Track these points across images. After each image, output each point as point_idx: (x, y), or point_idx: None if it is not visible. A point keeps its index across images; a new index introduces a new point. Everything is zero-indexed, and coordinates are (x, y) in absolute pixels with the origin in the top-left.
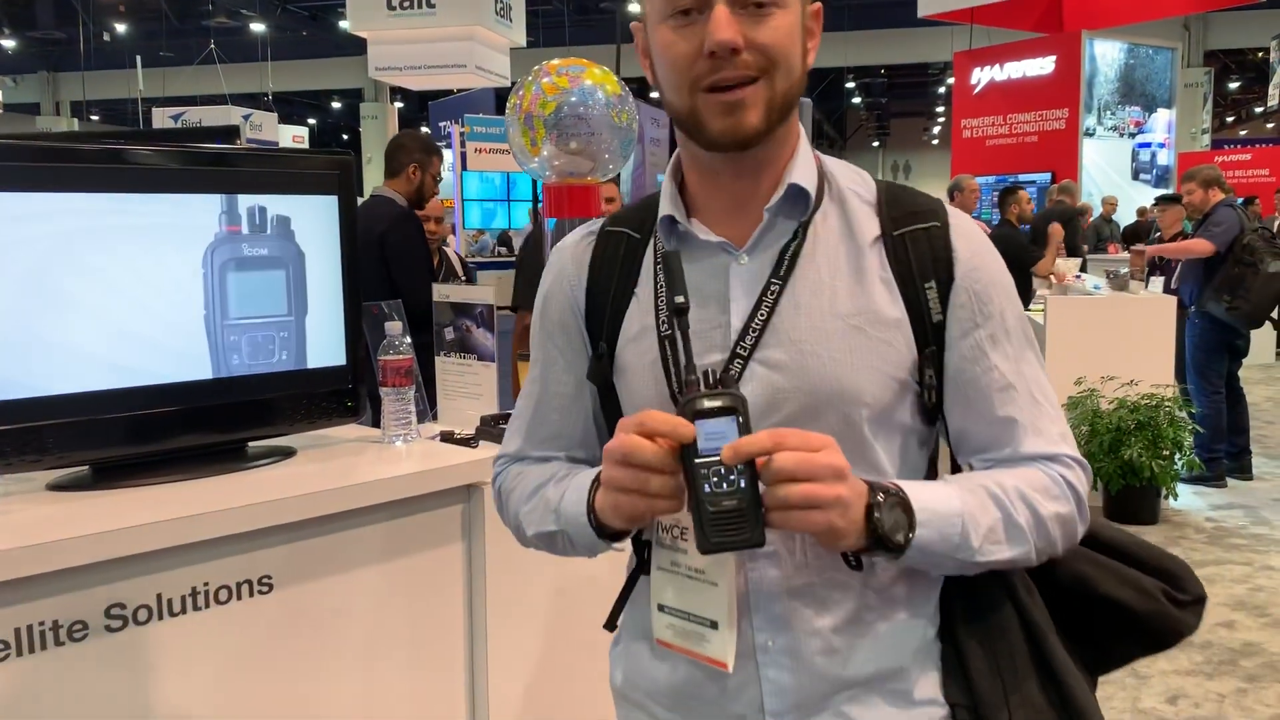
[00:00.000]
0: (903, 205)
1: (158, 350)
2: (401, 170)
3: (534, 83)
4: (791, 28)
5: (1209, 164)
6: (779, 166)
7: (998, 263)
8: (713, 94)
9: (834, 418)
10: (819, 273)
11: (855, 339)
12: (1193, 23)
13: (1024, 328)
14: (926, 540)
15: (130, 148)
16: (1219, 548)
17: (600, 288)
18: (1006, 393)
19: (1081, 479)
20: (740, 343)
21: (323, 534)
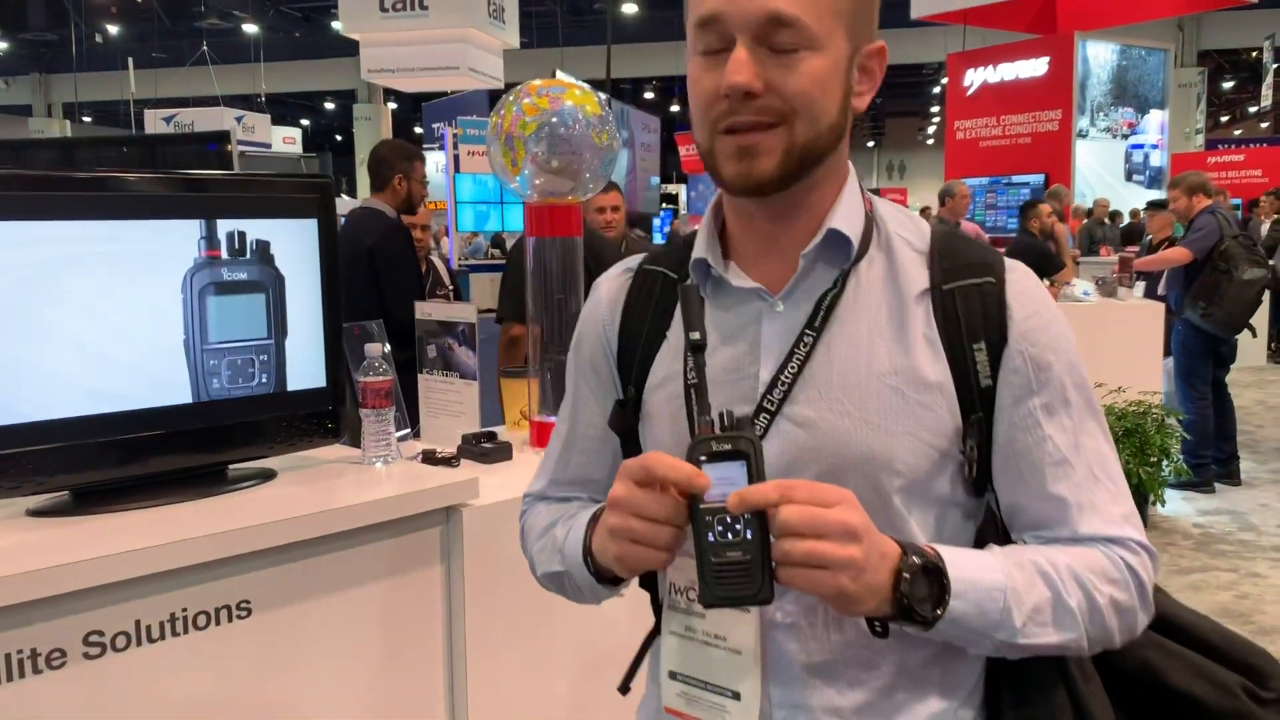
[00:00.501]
0: (956, 257)
1: (137, 375)
2: (387, 183)
3: (515, 103)
4: (823, 72)
5: (1194, 170)
6: (819, 210)
7: (1059, 325)
8: (728, 136)
9: (862, 484)
10: (857, 326)
11: (891, 400)
12: (1186, 23)
13: (1086, 396)
14: (961, 613)
15: (110, 175)
16: (1206, 554)
17: (632, 329)
18: (1062, 467)
19: (1147, 566)
20: (768, 395)
21: (301, 558)
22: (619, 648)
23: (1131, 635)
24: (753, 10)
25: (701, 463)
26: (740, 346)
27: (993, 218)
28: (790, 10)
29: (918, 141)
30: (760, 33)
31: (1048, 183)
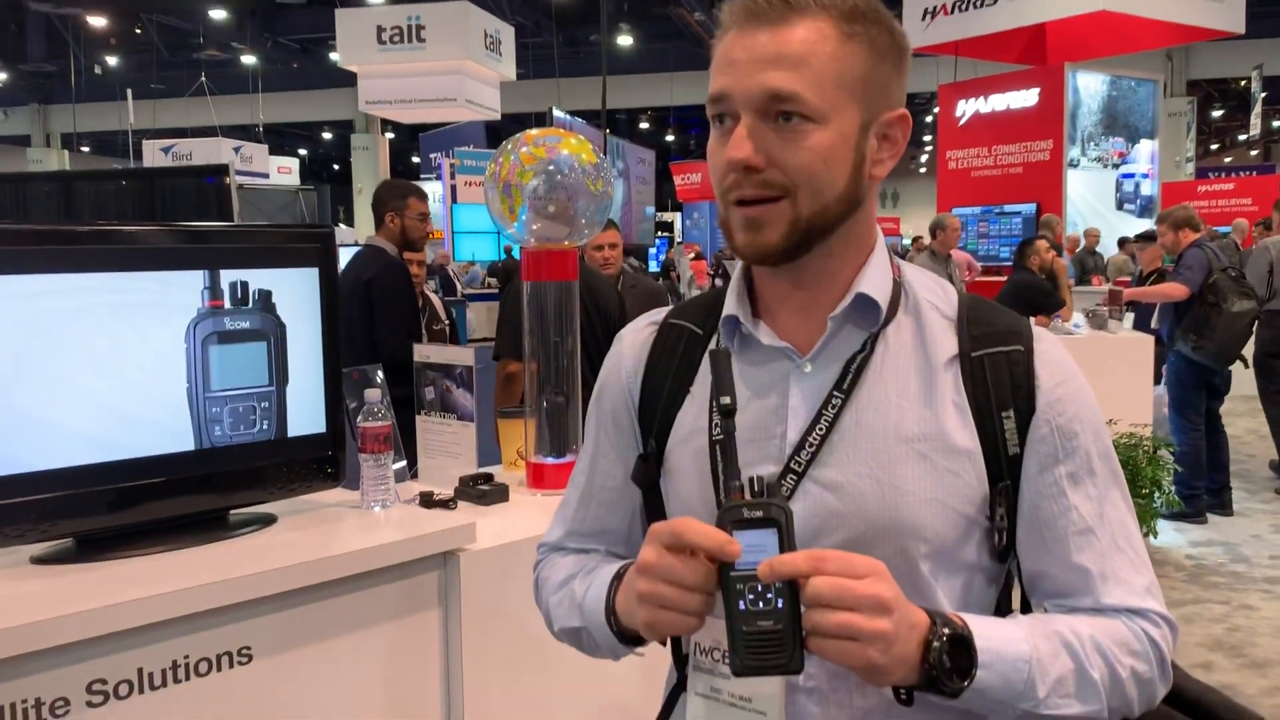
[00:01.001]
0: (984, 324)
1: (141, 424)
2: (382, 222)
3: (512, 152)
4: (827, 145)
5: (1181, 205)
6: (842, 276)
7: (1085, 394)
8: (738, 207)
9: (889, 550)
10: (886, 390)
11: (920, 466)
12: (1175, 54)
13: (1111, 466)
14: (987, 684)
15: (114, 228)
16: (1198, 586)
17: (656, 382)
18: (1086, 536)
19: (1167, 638)
20: (795, 457)
21: (301, 604)
22: (617, 695)
23: (1150, 706)
24: (754, 87)
25: (732, 529)
26: (768, 405)
27: (985, 246)
28: (789, 87)
29: (910, 170)
30: (762, 108)
31: (1039, 212)
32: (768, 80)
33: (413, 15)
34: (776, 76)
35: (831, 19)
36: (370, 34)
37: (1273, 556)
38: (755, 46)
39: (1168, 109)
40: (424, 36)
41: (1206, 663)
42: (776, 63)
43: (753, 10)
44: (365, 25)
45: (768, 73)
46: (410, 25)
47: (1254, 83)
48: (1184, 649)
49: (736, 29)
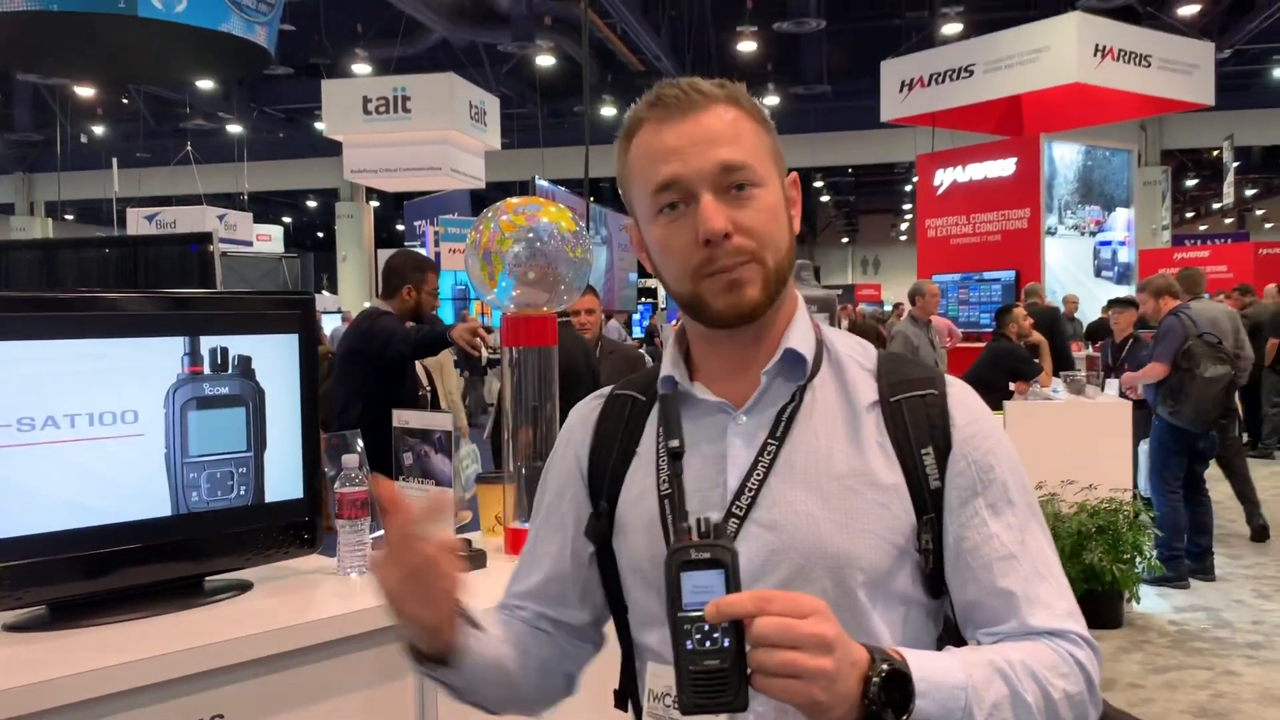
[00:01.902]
0: (900, 374)
1: (117, 489)
2: (396, 292)
3: (492, 220)
4: (774, 204)
5: (1160, 273)
6: (776, 333)
7: (998, 432)
8: (712, 278)
9: (828, 582)
10: (815, 434)
11: (851, 501)
12: (1149, 124)
13: (1029, 500)
14: (926, 713)
15: (96, 295)
16: (1181, 652)
17: (604, 448)
18: (1009, 562)
19: (1092, 660)
20: (736, 502)
21: (277, 670)
22: None
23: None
24: (707, 164)
25: (680, 570)
26: (709, 457)
27: (966, 313)
28: (737, 156)
29: (891, 238)
30: (716, 182)
31: (1019, 279)
32: (719, 155)
33: (399, 86)
34: (725, 151)
35: (736, 105)
36: (356, 104)
37: (1256, 622)
38: (693, 132)
39: (1143, 178)
40: (410, 107)
41: None
42: (719, 141)
43: (670, 105)
44: (351, 96)
45: (716, 150)
46: (396, 96)
47: (1226, 152)
48: (1168, 715)
49: (656, 122)
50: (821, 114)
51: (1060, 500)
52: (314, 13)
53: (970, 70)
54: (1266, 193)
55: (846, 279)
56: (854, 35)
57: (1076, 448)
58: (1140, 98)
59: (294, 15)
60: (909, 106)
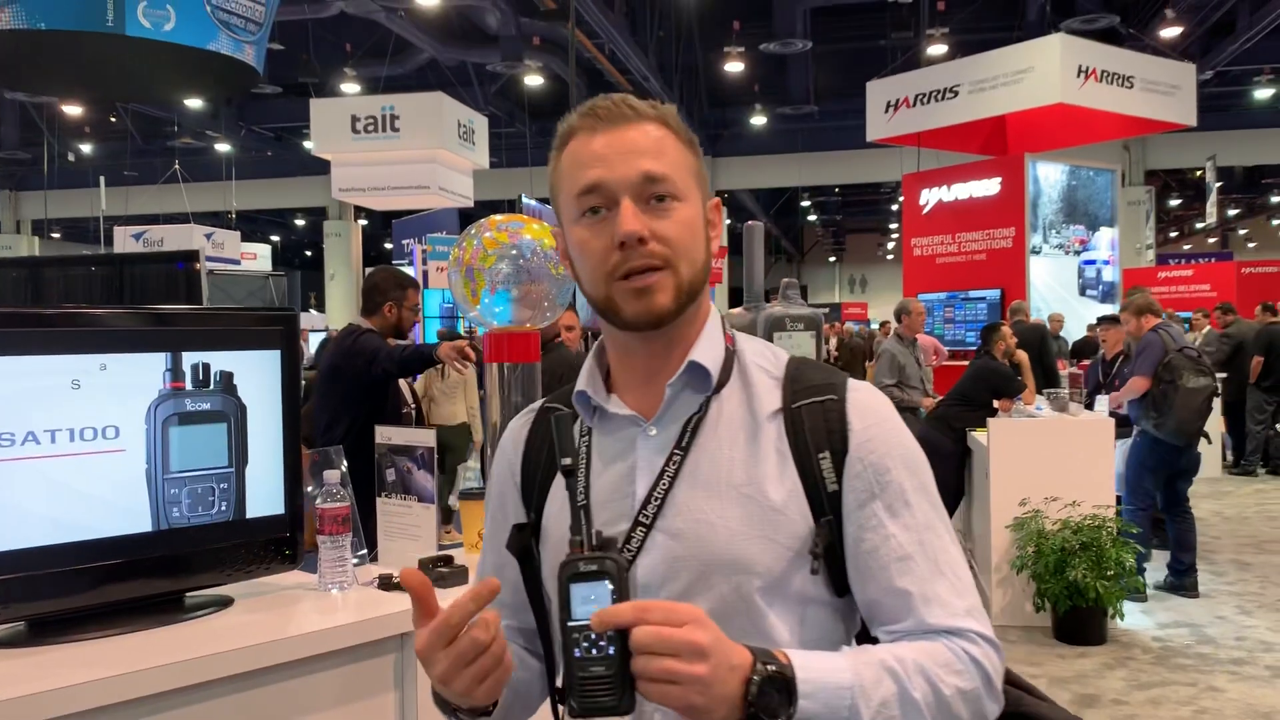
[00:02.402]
0: (804, 380)
1: (98, 505)
2: (378, 309)
3: (475, 237)
4: (692, 219)
5: (1142, 292)
6: (686, 345)
7: (897, 435)
8: (625, 281)
9: (726, 587)
10: (719, 444)
11: (748, 508)
12: (1132, 145)
13: (929, 499)
14: (811, 713)
15: (77, 310)
16: (1165, 668)
17: (533, 461)
18: (905, 563)
19: (991, 656)
20: (643, 511)
21: (258, 686)
22: None
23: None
24: (630, 172)
25: (570, 582)
26: (620, 469)
27: (951, 331)
28: (659, 168)
29: (877, 257)
30: (638, 191)
31: (1004, 297)
32: (642, 165)
33: (387, 105)
34: (648, 162)
35: (665, 124)
36: (344, 123)
37: (1239, 638)
38: (620, 142)
39: (1126, 198)
40: (398, 126)
41: None
42: (643, 153)
43: (602, 115)
44: (340, 115)
45: (640, 160)
46: (385, 115)
47: (1209, 173)
48: None
49: (588, 131)
50: (808, 134)
51: (1044, 517)
52: (303, 32)
53: (955, 91)
54: (1249, 212)
55: (834, 298)
56: (840, 56)
57: (1060, 464)
58: (1123, 118)
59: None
60: (895, 126)
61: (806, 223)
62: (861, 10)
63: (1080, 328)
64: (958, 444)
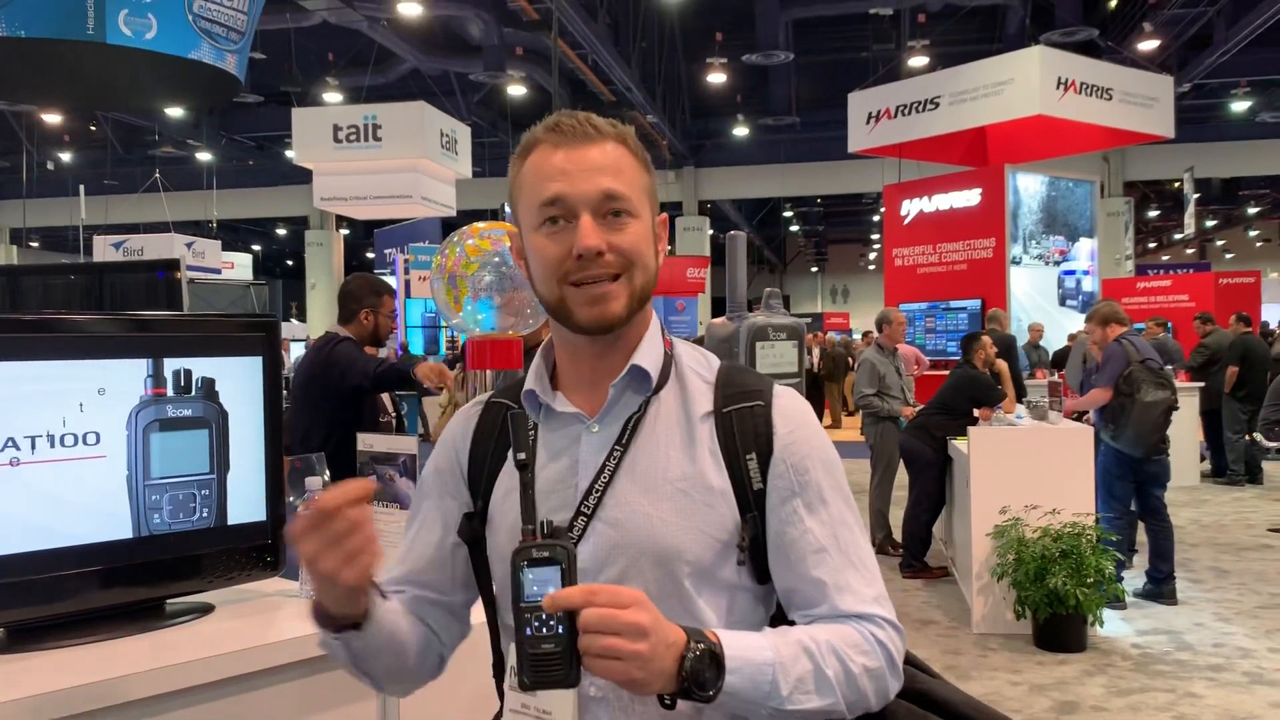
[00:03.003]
0: (735, 386)
1: (78, 511)
2: (354, 316)
3: (458, 244)
4: (644, 233)
5: (1106, 301)
6: (629, 349)
7: (817, 438)
8: (578, 288)
9: (659, 573)
10: (656, 442)
11: (682, 502)
12: (1111, 156)
13: (844, 498)
14: (737, 687)
15: (58, 317)
16: (1144, 675)
17: (480, 452)
18: (820, 555)
19: (894, 639)
20: (584, 502)
21: (239, 692)
22: None
23: (885, 699)
24: (591, 189)
25: (524, 567)
26: (565, 462)
27: (932, 341)
28: (617, 187)
29: (859, 267)
30: (597, 206)
31: (984, 307)
32: (602, 183)
33: (369, 115)
34: (607, 180)
35: (623, 144)
36: (326, 132)
37: (1216, 645)
38: (582, 160)
39: (1106, 209)
40: (380, 135)
41: None
42: (603, 170)
43: (566, 132)
44: (322, 124)
45: (600, 178)
46: (367, 124)
47: (1186, 184)
48: None
49: (552, 145)
50: (790, 145)
51: (1024, 525)
52: (285, 41)
53: (936, 102)
54: (1226, 224)
55: (816, 308)
56: (822, 67)
57: (1040, 472)
58: (1102, 130)
59: (265, 44)
60: (876, 138)
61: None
62: (843, 22)
63: (1061, 337)
64: (939, 452)
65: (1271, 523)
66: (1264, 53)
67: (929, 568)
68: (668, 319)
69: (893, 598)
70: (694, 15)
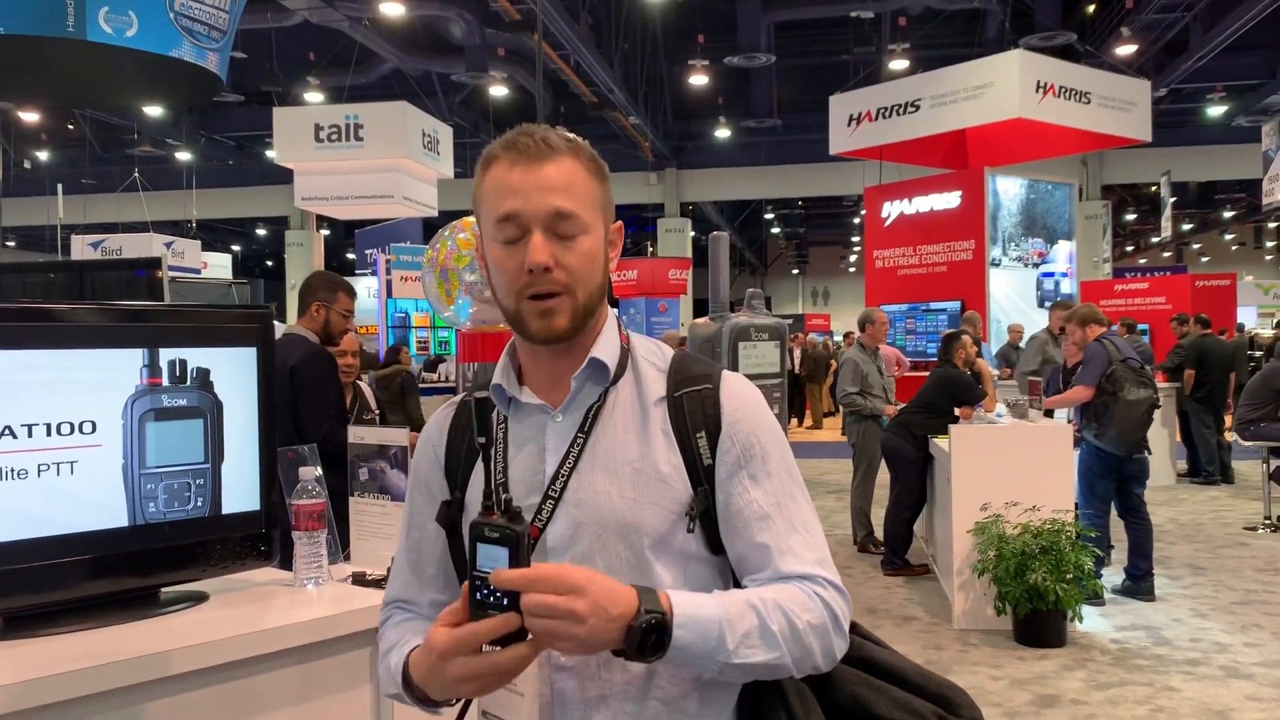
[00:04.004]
0: (684, 372)
1: (74, 500)
2: (306, 309)
3: (449, 238)
4: (593, 249)
5: (1085, 303)
6: (586, 347)
7: (761, 416)
8: (532, 301)
9: (621, 546)
10: (615, 427)
11: (639, 480)
12: (1090, 159)
13: (788, 469)
14: (685, 641)
15: (56, 306)
16: (1123, 669)
17: (455, 446)
18: (765, 521)
19: (838, 600)
20: (551, 486)
21: (234, 679)
22: None
23: (831, 657)
24: (543, 207)
25: (476, 543)
26: (532, 450)
27: (913, 343)
28: (568, 206)
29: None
30: (547, 224)
31: (964, 309)
32: (553, 201)
33: (351, 114)
34: (558, 198)
35: (577, 159)
36: (308, 132)
37: (1193, 640)
38: (535, 178)
39: (1084, 212)
40: (362, 135)
41: None
42: (555, 189)
43: (522, 150)
44: (303, 124)
45: (551, 196)
46: (348, 124)
47: (1164, 188)
48: None
49: (509, 163)
50: (771, 147)
51: (1004, 521)
52: (266, 40)
53: (916, 105)
54: (1202, 227)
55: (797, 309)
56: (803, 70)
57: (1020, 470)
58: (1080, 133)
59: (246, 43)
60: (857, 140)
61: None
62: (824, 25)
63: None
64: (920, 450)
65: (1247, 521)
66: (1240, 58)
67: (910, 565)
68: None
69: (874, 595)
70: (676, 17)
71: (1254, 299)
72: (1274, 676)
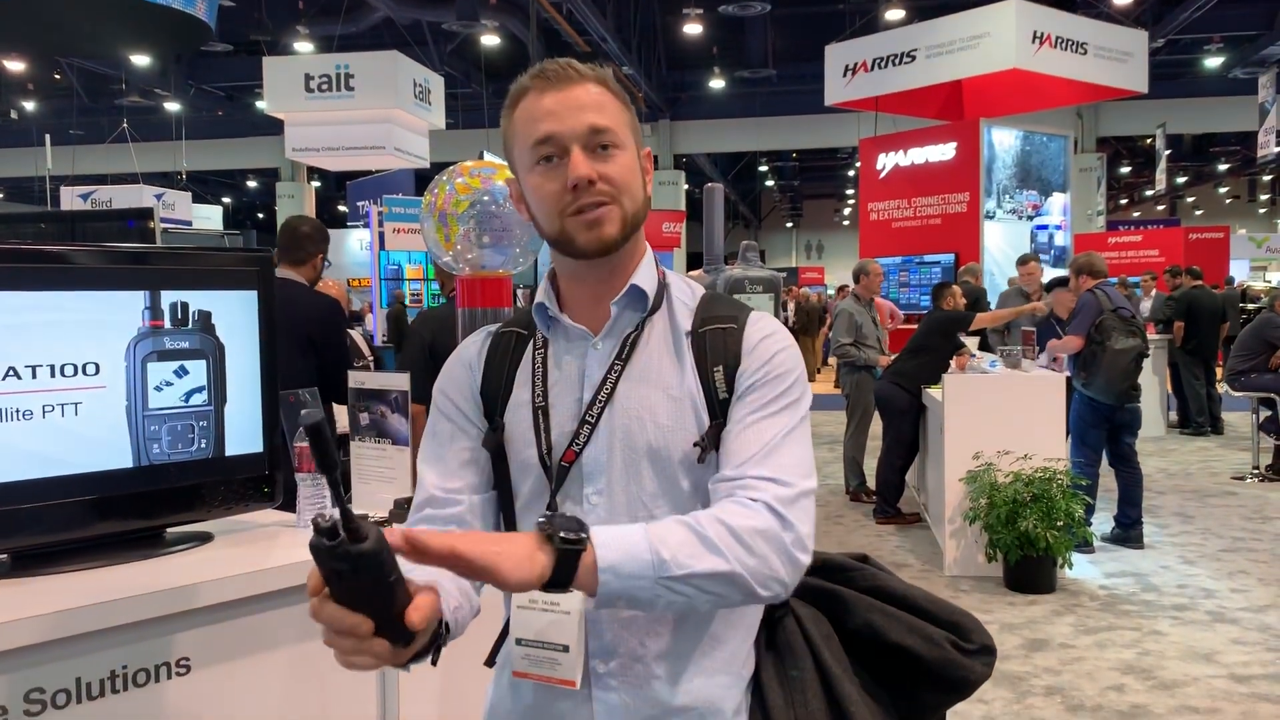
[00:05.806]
0: (711, 310)
1: (79, 440)
2: (308, 259)
3: (448, 183)
4: (631, 163)
5: (1085, 252)
6: (627, 272)
7: (784, 353)
8: (577, 216)
9: (654, 466)
10: (650, 356)
11: (669, 406)
12: (1085, 111)
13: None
14: (615, 562)
15: (58, 248)
16: (1111, 614)
17: (493, 374)
18: (754, 428)
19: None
20: (589, 411)
21: (238, 616)
22: None
23: (794, 562)
24: (580, 125)
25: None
26: (572, 375)
27: (906, 295)
28: (603, 121)
29: (834, 222)
30: (586, 140)
31: (958, 262)
32: (588, 119)
33: (342, 64)
34: (593, 116)
35: (601, 84)
36: (298, 82)
37: (1180, 586)
38: (568, 99)
39: (1079, 164)
40: (353, 85)
41: (1120, 685)
42: (588, 108)
43: (551, 77)
44: (293, 73)
45: (586, 114)
46: (339, 74)
47: (1158, 140)
48: (1098, 672)
49: (538, 90)
50: (766, 98)
51: (996, 470)
52: None
53: (912, 55)
54: (1196, 180)
55: (790, 262)
56: (798, 20)
57: (1012, 419)
58: (1076, 84)
59: None
60: (852, 91)
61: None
62: None
63: None
64: (913, 400)
65: (1235, 471)
66: (1237, 8)
67: (902, 514)
68: None
69: (866, 543)
70: None
71: (1247, 252)
72: (1259, 621)
